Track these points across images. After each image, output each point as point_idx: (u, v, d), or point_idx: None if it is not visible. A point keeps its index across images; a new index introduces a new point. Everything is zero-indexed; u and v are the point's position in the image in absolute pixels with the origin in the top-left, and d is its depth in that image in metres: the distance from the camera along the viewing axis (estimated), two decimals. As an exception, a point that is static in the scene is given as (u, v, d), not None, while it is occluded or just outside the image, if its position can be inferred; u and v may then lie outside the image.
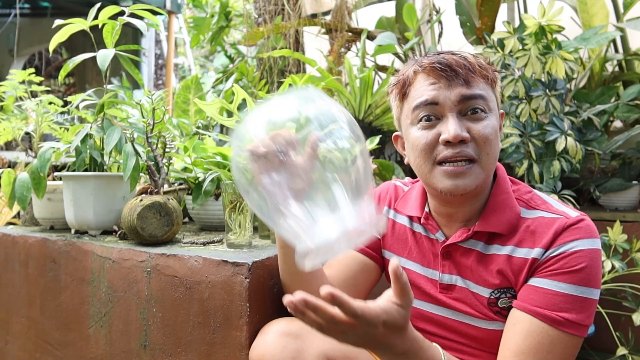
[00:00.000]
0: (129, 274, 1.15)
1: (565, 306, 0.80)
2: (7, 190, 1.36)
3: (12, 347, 1.45)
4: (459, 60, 0.86)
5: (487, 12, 2.23)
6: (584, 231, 0.84)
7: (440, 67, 0.85)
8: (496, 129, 0.88)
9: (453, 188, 0.85)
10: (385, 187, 1.11)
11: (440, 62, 0.86)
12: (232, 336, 0.98)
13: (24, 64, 6.50)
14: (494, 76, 0.90)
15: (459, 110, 0.86)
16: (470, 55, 0.90)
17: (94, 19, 1.30)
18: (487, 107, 0.87)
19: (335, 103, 0.77)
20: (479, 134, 0.84)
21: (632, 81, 2.29)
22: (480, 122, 0.85)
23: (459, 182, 0.85)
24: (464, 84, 0.85)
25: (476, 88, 0.86)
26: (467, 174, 0.85)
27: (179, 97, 2.56)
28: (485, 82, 0.88)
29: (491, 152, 0.86)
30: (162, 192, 1.26)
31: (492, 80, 0.90)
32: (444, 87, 0.86)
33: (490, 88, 0.89)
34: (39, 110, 1.59)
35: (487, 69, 0.89)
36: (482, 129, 0.85)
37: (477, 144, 0.85)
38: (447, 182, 0.85)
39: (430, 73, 0.87)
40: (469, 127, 0.85)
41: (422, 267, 0.98)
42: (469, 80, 0.85)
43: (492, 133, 0.86)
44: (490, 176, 0.90)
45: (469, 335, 0.92)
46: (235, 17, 3.95)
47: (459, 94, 0.85)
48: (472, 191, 0.87)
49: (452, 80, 0.85)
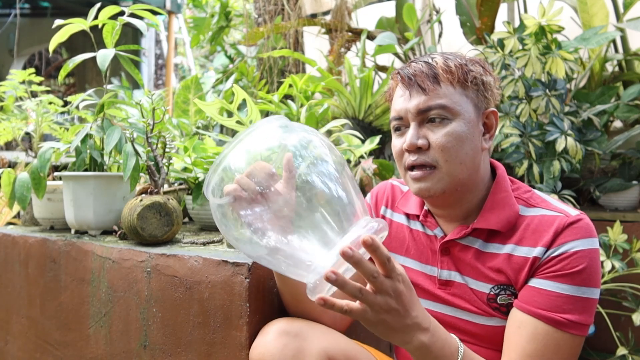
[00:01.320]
0: (129, 274, 1.15)
1: (567, 307, 0.81)
2: (7, 190, 1.36)
3: (12, 347, 1.45)
4: (420, 68, 0.90)
5: (487, 12, 2.23)
6: (584, 231, 0.84)
7: (406, 78, 0.90)
8: (460, 133, 0.87)
9: (418, 191, 0.90)
10: (383, 187, 1.12)
11: (407, 72, 0.91)
12: (232, 336, 0.98)
13: (24, 64, 6.50)
14: (465, 77, 0.89)
15: (420, 119, 0.89)
16: (442, 59, 0.90)
17: (94, 19, 1.30)
18: (451, 114, 0.87)
19: (302, 126, 0.80)
20: (436, 143, 0.88)
21: (632, 81, 2.29)
22: (440, 131, 0.87)
23: (422, 186, 0.89)
24: (422, 93, 0.88)
25: (435, 97, 0.87)
26: (427, 179, 0.88)
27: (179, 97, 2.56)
28: (452, 85, 0.88)
29: (451, 158, 0.87)
30: (162, 192, 1.26)
31: (461, 82, 0.89)
32: (407, 98, 0.90)
33: (459, 91, 0.89)
34: (39, 110, 1.59)
35: (455, 72, 0.88)
36: (439, 138, 0.87)
37: (435, 151, 0.88)
38: (414, 186, 0.91)
39: (401, 83, 0.93)
40: (427, 135, 0.88)
41: (420, 264, 0.99)
42: (426, 89, 0.88)
43: (452, 140, 0.87)
44: (460, 179, 0.89)
45: (467, 331, 0.93)
46: (235, 17, 3.95)
47: (415, 106, 0.89)
48: (442, 195, 0.89)
49: (412, 91, 0.90)
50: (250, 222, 0.73)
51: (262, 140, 0.78)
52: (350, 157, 1.63)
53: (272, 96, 1.52)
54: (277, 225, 0.72)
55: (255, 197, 0.73)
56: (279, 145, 0.77)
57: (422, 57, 0.93)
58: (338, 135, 1.67)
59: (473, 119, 0.90)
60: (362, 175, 1.65)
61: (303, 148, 0.76)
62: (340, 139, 1.70)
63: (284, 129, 0.79)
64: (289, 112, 1.55)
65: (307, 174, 0.73)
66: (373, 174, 1.64)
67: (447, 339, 0.79)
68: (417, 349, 0.75)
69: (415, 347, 0.74)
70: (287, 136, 0.78)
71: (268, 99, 1.52)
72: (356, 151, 1.61)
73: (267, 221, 0.72)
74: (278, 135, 0.78)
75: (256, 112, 1.32)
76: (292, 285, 0.94)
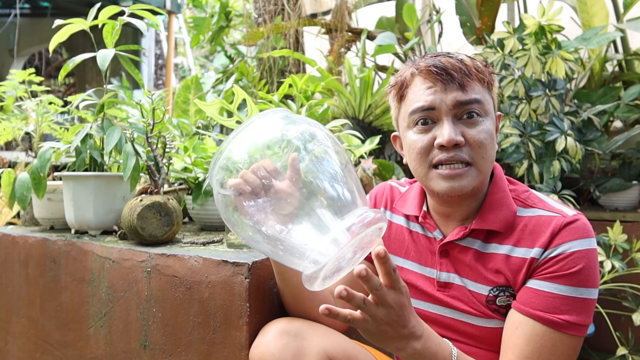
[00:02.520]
0: (129, 274, 1.15)
1: (565, 308, 0.81)
2: (7, 190, 1.36)
3: (12, 347, 1.45)
4: (455, 63, 0.87)
5: (487, 12, 2.23)
6: (581, 231, 0.84)
7: (436, 71, 0.86)
8: (492, 132, 0.88)
9: (449, 190, 0.86)
10: (381, 189, 1.12)
11: (436, 65, 0.87)
12: (232, 336, 0.98)
13: (24, 64, 6.50)
14: (491, 79, 0.91)
15: (455, 114, 0.86)
16: (467, 58, 0.90)
17: (94, 19, 1.30)
18: (483, 111, 0.87)
19: (306, 119, 0.80)
20: (474, 139, 0.86)
21: (632, 81, 2.29)
22: (476, 127, 0.86)
23: (455, 184, 0.86)
24: (459, 88, 0.86)
25: (472, 92, 0.86)
26: (463, 176, 0.86)
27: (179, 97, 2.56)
28: (482, 85, 0.89)
29: (486, 155, 0.87)
30: (162, 192, 1.26)
31: (488, 83, 0.90)
32: (440, 91, 0.86)
33: (486, 91, 0.90)
34: (39, 110, 1.59)
35: (484, 71, 0.89)
36: (476, 134, 0.86)
37: (471, 147, 0.86)
38: (444, 184, 0.87)
39: (426, 76, 0.88)
40: (464, 132, 0.86)
41: (419, 266, 0.99)
42: (465, 85, 0.86)
43: (487, 137, 0.87)
44: (487, 178, 0.91)
45: (466, 333, 0.93)
46: (235, 17, 3.95)
47: (454, 99, 0.86)
48: (469, 192, 0.88)
49: (447, 85, 0.86)
50: (252, 214, 0.73)
51: (264, 131, 0.77)
52: (351, 157, 1.63)
53: (272, 96, 1.52)
54: (278, 217, 0.72)
55: (259, 192, 0.73)
56: (281, 137, 0.77)
57: (442, 53, 0.90)
58: (338, 135, 1.67)
59: (494, 119, 0.91)
60: (362, 175, 1.65)
61: (307, 141, 0.75)
62: (340, 139, 1.70)
63: (286, 120, 0.79)
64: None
65: (310, 170, 0.73)
66: (373, 174, 1.64)
67: (441, 344, 0.79)
68: (410, 356, 0.75)
69: (409, 354, 0.75)
70: (290, 127, 0.78)
71: (268, 99, 1.52)
72: (356, 151, 1.61)
73: (269, 213, 0.72)
74: (280, 126, 0.78)
75: (256, 112, 1.33)
76: (293, 285, 0.94)
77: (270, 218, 0.72)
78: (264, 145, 0.77)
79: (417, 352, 0.75)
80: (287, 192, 0.73)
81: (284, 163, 0.75)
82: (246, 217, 0.74)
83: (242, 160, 0.76)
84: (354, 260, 0.71)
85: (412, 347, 0.75)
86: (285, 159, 0.75)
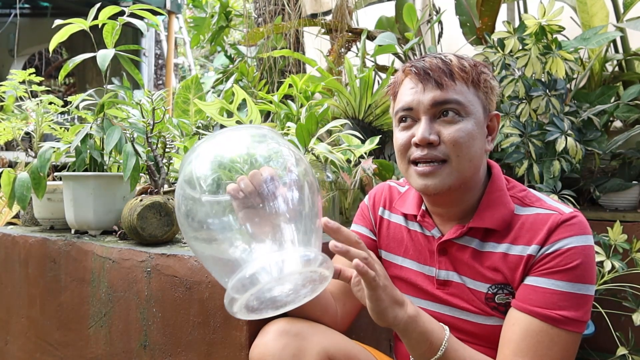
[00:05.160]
0: (129, 274, 1.14)
1: (563, 304, 0.82)
2: (7, 190, 1.36)
3: (12, 347, 1.45)
4: (436, 63, 0.89)
5: (487, 12, 2.23)
6: (578, 228, 0.85)
7: (416, 71, 0.90)
8: (471, 131, 0.88)
9: (424, 187, 0.89)
10: (380, 188, 1.12)
11: (417, 66, 0.90)
12: (232, 336, 0.98)
13: (24, 64, 6.50)
14: (478, 78, 0.90)
15: (433, 113, 0.89)
16: (456, 58, 0.91)
17: (94, 19, 1.30)
18: (463, 111, 0.88)
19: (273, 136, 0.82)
20: (448, 138, 0.87)
21: (632, 81, 2.29)
22: (452, 126, 0.87)
23: (429, 182, 0.88)
24: (437, 87, 0.88)
25: (451, 92, 0.87)
26: (436, 174, 0.88)
27: (179, 97, 2.56)
28: (465, 85, 0.89)
29: (462, 153, 0.87)
30: (162, 192, 1.26)
31: (474, 82, 0.90)
32: (420, 91, 0.89)
33: (472, 91, 0.90)
34: (39, 110, 1.59)
35: (469, 71, 0.89)
36: (452, 133, 0.87)
37: (446, 146, 0.87)
38: (419, 181, 0.89)
39: (411, 76, 0.91)
40: (440, 131, 0.88)
41: (418, 265, 0.99)
42: (443, 84, 0.87)
43: (464, 136, 0.87)
44: (468, 177, 0.90)
45: (466, 330, 0.93)
46: (235, 17, 3.95)
47: (432, 98, 0.88)
48: (447, 191, 0.89)
49: (426, 85, 0.89)
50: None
51: (230, 146, 0.80)
52: (350, 157, 1.62)
53: (272, 96, 1.52)
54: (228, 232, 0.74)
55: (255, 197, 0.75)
56: (246, 154, 0.80)
57: (434, 54, 0.93)
58: (338, 135, 1.67)
59: (481, 120, 0.91)
60: (362, 175, 1.65)
61: (270, 160, 0.78)
62: (340, 139, 1.70)
63: (253, 139, 0.81)
64: (289, 112, 1.55)
65: (268, 190, 0.74)
66: (373, 174, 1.64)
67: (434, 322, 0.83)
68: (407, 325, 0.79)
69: (406, 322, 0.79)
70: (256, 145, 0.81)
71: (268, 99, 1.52)
72: (356, 151, 1.61)
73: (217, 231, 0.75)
74: (247, 144, 0.81)
75: (256, 112, 1.33)
76: None
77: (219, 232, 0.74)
78: (224, 160, 0.79)
79: (412, 320, 0.79)
80: (244, 207, 0.74)
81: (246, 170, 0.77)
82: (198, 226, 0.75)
83: (201, 176, 0.78)
84: (292, 297, 0.72)
85: (407, 314, 0.79)
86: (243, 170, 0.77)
